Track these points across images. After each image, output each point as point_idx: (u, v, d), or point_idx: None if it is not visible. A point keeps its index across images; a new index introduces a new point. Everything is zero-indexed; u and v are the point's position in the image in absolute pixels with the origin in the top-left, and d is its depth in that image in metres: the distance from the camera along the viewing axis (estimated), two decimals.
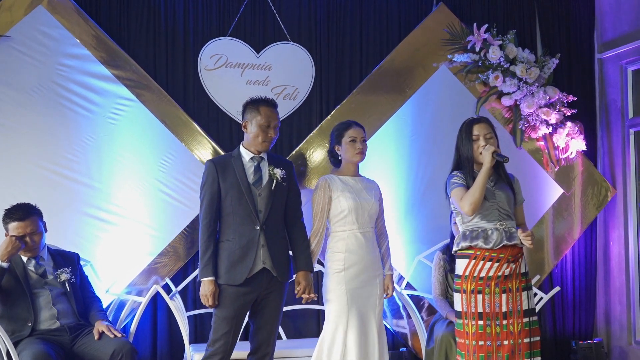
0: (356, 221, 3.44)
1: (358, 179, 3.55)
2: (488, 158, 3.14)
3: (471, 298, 3.15)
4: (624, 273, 4.86)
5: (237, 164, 3.35)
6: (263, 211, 3.30)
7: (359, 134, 3.50)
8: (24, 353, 3.29)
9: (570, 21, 5.06)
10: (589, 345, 4.76)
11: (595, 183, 4.91)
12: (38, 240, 3.55)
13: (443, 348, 3.76)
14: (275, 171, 3.35)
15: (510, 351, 3.13)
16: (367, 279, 3.44)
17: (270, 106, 3.38)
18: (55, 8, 4.24)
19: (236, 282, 3.25)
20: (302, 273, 3.42)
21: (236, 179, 3.31)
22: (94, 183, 4.27)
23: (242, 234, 3.28)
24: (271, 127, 3.34)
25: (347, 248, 3.43)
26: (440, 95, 4.73)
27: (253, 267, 3.26)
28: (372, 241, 3.49)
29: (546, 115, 4.68)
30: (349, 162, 3.53)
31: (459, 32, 4.72)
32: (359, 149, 3.49)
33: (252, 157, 3.37)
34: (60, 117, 4.24)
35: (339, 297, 3.39)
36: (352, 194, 3.45)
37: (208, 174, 3.34)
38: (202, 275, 3.27)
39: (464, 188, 3.20)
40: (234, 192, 3.30)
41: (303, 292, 3.41)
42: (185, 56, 4.55)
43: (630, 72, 4.92)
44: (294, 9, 4.70)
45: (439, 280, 4.09)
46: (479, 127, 3.27)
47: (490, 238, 3.16)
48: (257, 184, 3.33)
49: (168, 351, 4.43)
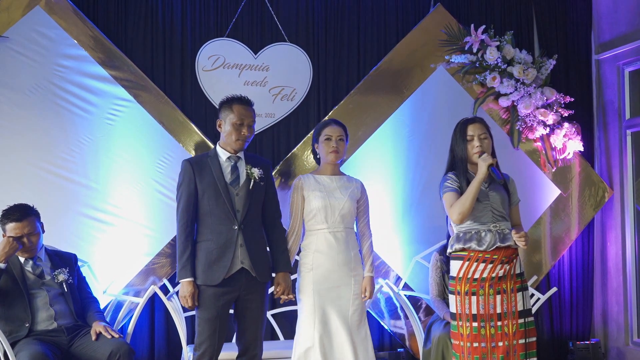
0: (325, 221, 3.42)
1: (336, 177, 3.51)
2: (483, 169, 3.12)
3: (465, 299, 3.15)
4: (621, 274, 4.87)
5: (213, 164, 3.31)
6: (241, 210, 3.27)
7: (335, 133, 3.47)
8: (21, 354, 3.29)
9: (568, 22, 5.07)
10: (587, 345, 4.77)
11: (592, 184, 4.92)
12: (35, 241, 3.55)
13: (440, 349, 3.76)
14: (252, 170, 3.32)
15: (505, 352, 3.12)
16: (337, 280, 3.39)
17: (244, 104, 3.34)
18: (52, 9, 4.24)
19: (214, 282, 3.22)
20: (282, 274, 3.40)
21: (213, 178, 3.27)
22: (91, 184, 4.27)
23: (220, 234, 3.25)
24: (245, 125, 3.31)
25: (316, 248, 3.41)
26: (437, 96, 4.74)
27: (231, 267, 3.23)
28: (344, 241, 3.43)
29: (543, 116, 4.69)
30: (325, 161, 3.51)
31: (457, 33, 4.73)
32: (333, 148, 3.45)
33: (229, 156, 3.34)
34: (57, 117, 4.24)
35: (308, 297, 3.38)
36: (322, 193, 3.43)
37: (184, 174, 3.30)
38: (181, 277, 3.23)
39: (455, 193, 3.19)
40: (211, 192, 3.26)
41: (282, 293, 3.39)
42: (182, 57, 4.56)
43: (627, 73, 4.93)
44: (292, 9, 4.70)
45: (436, 281, 4.09)
46: (473, 127, 3.25)
47: (483, 240, 3.15)
48: (235, 184, 3.30)
49: (165, 352, 4.43)
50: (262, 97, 4.60)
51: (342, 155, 3.51)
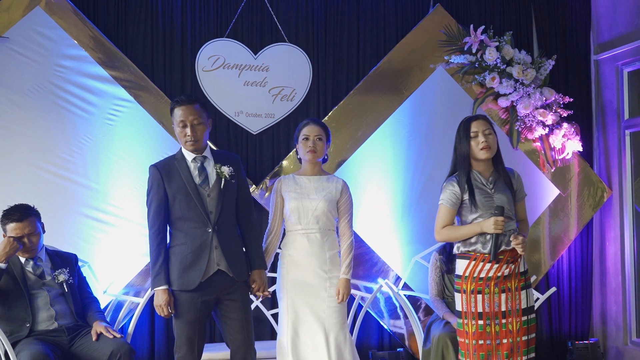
0: (299, 222, 3.41)
1: (314, 178, 3.48)
2: (491, 229, 3.08)
3: (471, 298, 3.17)
4: (620, 273, 4.88)
5: (181, 166, 3.22)
6: (214, 212, 3.19)
7: (312, 132, 3.44)
8: (22, 354, 3.30)
9: (567, 23, 5.07)
10: (585, 345, 4.77)
11: (591, 184, 4.93)
12: (36, 241, 3.56)
13: (440, 348, 3.77)
14: (222, 169, 3.23)
15: (510, 349, 3.16)
16: (311, 281, 3.38)
17: (182, 104, 3.19)
18: (52, 9, 4.25)
19: (190, 287, 3.14)
20: (257, 271, 3.32)
21: (182, 181, 3.18)
22: (91, 184, 4.28)
23: (194, 237, 3.16)
24: (189, 126, 3.18)
25: (291, 249, 3.42)
26: (437, 96, 4.74)
27: (207, 270, 3.15)
28: (318, 243, 3.40)
29: (542, 116, 4.70)
30: (304, 161, 3.51)
31: (456, 34, 4.73)
32: (310, 147, 3.42)
33: (195, 157, 3.24)
34: (57, 118, 4.25)
35: (283, 295, 3.40)
36: (296, 195, 3.42)
37: (152, 180, 3.22)
38: (155, 285, 3.15)
39: (451, 209, 3.21)
40: (182, 196, 3.17)
41: (258, 289, 3.33)
42: (182, 57, 4.56)
43: (626, 74, 4.94)
44: (292, 10, 4.71)
45: (436, 280, 4.10)
46: (477, 124, 3.24)
47: (488, 243, 3.15)
48: (204, 185, 3.21)
49: (166, 352, 4.44)
50: (261, 97, 4.61)
51: (320, 154, 3.47)
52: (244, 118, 4.60)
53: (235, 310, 3.24)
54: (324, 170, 3.57)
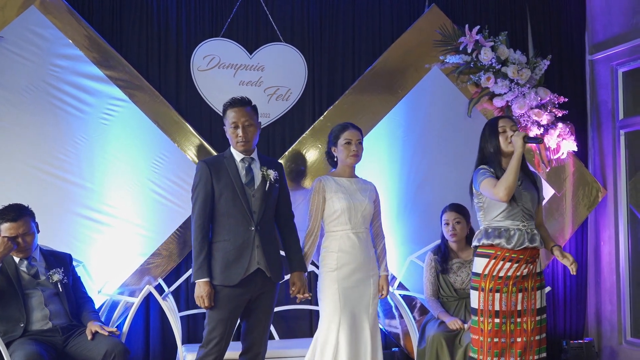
0: (349, 222, 3.48)
1: (354, 180, 3.59)
2: (519, 143, 3.16)
3: (489, 296, 3.21)
4: (615, 273, 4.89)
5: (230, 165, 3.35)
6: (257, 212, 3.31)
7: (355, 137, 3.54)
8: (16, 354, 3.29)
9: (562, 23, 5.09)
10: (580, 344, 4.79)
11: (586, 183, 4.94)
12: (30, 241, 3.55)
13: (434, 348, 3.78)
14: (269, 172, 3.36)
15: (523, 348, 3.22)
16: (360, 278, 3.47)
17: (235, 106, 3.37)
18: (47, 8, 4.24)
19: (232, 282, 3.25)
20: (297, 274, 3.45)
21: (230, 179, 3.31)
22: (86, 184, 4.27)
23: (237, 235, 3.28)
24: (240, 127, 3.33)
25: (339, 248, 3.46)
26: (432, 96, 4.75)
27: (248, 267, 3.26)
28: (365, 242, 3.51)
29: (537, 116, 4.71)
30: (344, 164, 3.57)
31: (451, 34, 4.74)
32: (354, 152, 3.53)
33: (243, 158, 3.38)
34: (52, 117, 4.24)
35: (332, 296, 3.43)
36: (345, 195, 3.49)
37: (201, 175, 3.33)
38: (197, 277, 3.24)
39: (493, 178, 3.21)
40: (229, 193, 3.29)
41: (298, 292, 3.44)
42: (178, 57, 4.56)
43: (620, 74, 4.95)
44: (287, 10, 4.70)
45: (431, 280, 4.10)
46: (503, 121, 3.32)
47: (512, 238, 3.19)
48: (250, 185, 3.34)
49: (161, 351, 4.43)
50: (257, 97, 4.58)
51: (360, 158, 3.58)
52: None
53: (262, 309, 3.36)
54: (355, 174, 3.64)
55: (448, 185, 4.61)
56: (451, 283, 4.05)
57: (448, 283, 4.06)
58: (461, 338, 3.80)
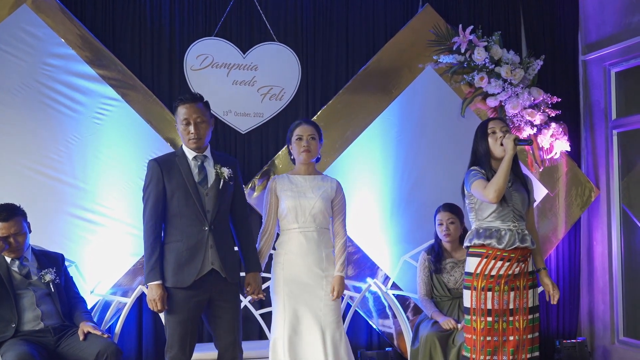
0: (296, 220, 3.42)
1: (309, 177, 3.51)
2: (510, 145, 3.18)
3: (481, 295, 3.22)
4: (607, 273, 4.91)
5: (182, 163, 3.23)
6: (211, 211, 3.20)
7: (306, 132, 3.46)
8: (7, 354, 3.27)
9: (555, 23, 5.10)
10: (573, 344, 4.80)
11: (579, 183, 4.95)
12: (22, 241, 3.53)
13: (428, 348, 3.78)
14: (222, 170, 3.25)
15: (515, 346, 3.23)
16: (308, 280, 3.39)
17: (186, 102, 3.22)
18: (39, 7, 4.22)
19: (184, 284, 3.14)
20: (252, 274, 3.37)
21: (182, 178, 3.19)
22: (78, 183, 4.25)
23: (190, 235, 3.17)
24: (192, 124, 3.21)
25: (287, 249, 3.43)
26: (426, 95, 4.75)
27: (202, 268, 3.16)
28: (315, 241, 3.42)
29: (531, 116, 4.72)
30: (298, 161, 3.51)
31: (445, 33, 4.74)
32: (305, 147, 3.44)
33: (195, 156, 3.26)
34: (44, 116, 4.22)
35: (278, 295, 3.40)
36: (293, 194, 3.43)
37: (152, 174, 3.21)
38: (149, 280, 3.14)
39: (484, 180, 3.22)
40: (181, 193, 3.18)
41: (252, 292, 3.38)
42: (171, 56, 4.54)
43: (613, 74, 4.97)
44: (280, 9, 4.70)
45: (424, 280, 4.10)
46: (494, 122, 3.34)
47: (503, 239, 3.21)
48: (203, 183, 3.23)
49: (153, 352, 4.42)
50: (250, 96, 4.60)
51: (314, 154, 3.50)
52: (232, 117, 4.59)
53: (226, 311, 3.26)
54: (317, 170, 3.59)
55: (442, 185, 4.61)
56: (444, 283, 4.06)
57: (441, 283, 4.06)
58: (454, 338, 3.80)
